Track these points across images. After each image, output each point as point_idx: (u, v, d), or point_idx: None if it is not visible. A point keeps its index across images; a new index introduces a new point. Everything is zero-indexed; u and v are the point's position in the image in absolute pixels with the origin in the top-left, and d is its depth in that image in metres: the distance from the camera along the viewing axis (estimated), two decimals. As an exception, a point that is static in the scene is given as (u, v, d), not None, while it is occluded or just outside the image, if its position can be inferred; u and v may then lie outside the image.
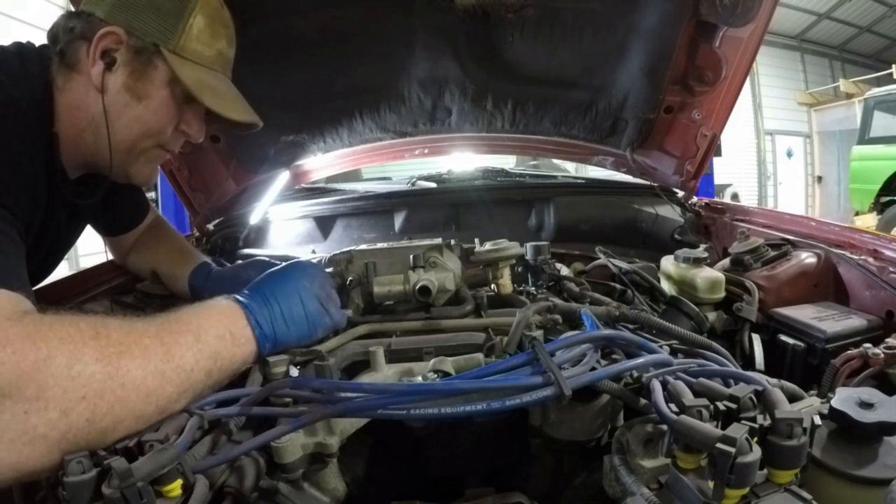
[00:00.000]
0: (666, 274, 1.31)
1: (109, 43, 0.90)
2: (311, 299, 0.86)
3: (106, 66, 0.90)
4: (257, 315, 0.79)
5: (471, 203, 1.90)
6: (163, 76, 0.94)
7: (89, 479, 0.53)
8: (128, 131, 0.95)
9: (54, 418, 0.56)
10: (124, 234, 1.32)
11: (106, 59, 0.90)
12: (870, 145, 8.06)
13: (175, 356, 0.66)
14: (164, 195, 4.13)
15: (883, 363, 0.89)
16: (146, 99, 0.94)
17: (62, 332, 0.60)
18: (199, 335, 0.71)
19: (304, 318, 0.84)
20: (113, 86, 0.92)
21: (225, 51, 1.03)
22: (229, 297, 0.81)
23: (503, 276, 1.08)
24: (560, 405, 0.79)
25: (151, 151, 1.02)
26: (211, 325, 0.73)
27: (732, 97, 1.64)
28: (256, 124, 1.08)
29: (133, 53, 0.91)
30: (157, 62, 0.93)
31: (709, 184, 4.76)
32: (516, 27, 1.54)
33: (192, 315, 0.74)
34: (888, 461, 0.59)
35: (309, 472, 0.74)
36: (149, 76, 0.93)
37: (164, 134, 0.99)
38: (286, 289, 0.84)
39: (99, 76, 0.90)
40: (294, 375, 0.82)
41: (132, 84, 0.93)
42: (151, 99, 0.95)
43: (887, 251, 1.17)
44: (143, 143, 0.99)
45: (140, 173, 1.03)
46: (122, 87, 0.92)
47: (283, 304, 0.82)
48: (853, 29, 12.67)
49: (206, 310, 0.76)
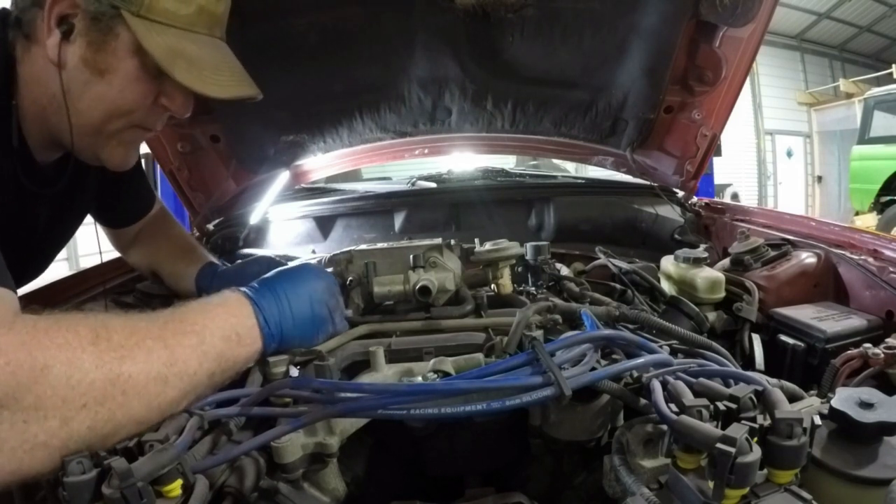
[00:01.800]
0: (666, 274, 1.31)
1: (64, 8, 0.77)
2: (320, 304, 0.84)
3: (63, 36, 0.77)
4: (266, 313, 0.76)
5: (471, 203, 1.90)
6: (126, 45, 0.79)
7: (89, 480, 0.53)
8: (91, 112, 0.82)
9: (55, 427, 0.55)
10: (127, 226, 1.26)
11: (63, 28, 0.77)
12: (870, 145, 8.06)
13: (178, 360, 0.64)
14: (164, 195, 4.12)
15: (883, 363, 0.89)
16: (108, 74, 0.80)
17: (59, 339, 0.57)
18: (204, 336, 0.68)
19: (310, 322, 0.82)
20: (72, 59, 0.78)
21: (208, 5, 0.84)
22: (237, 290, 0.78)
23: (503, 276, 1.08)
24: (560, 405, 0.79)
25: (125, 133, 0.88)
26: (217, 326, 0.70)
27: (732, 97, 1.64)
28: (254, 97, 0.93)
29: (90, 20, 0.77)
30: (118, 29, 0.78)
31: (709, 184, 4.74)
32: (516, 27, 1.54)
33: (197, 314, 0.71)
34: (888, 461, 0.59)
35: (309, 472, 0.74)
36: (109, 46, 0.78)
37: (135, 113, 0.85)
38: (298, 290, 0.81)
39: (55, 48, 0.77)
40: (294, 375, 0.82)
41: (91, 57, 0.78)
42: (115, 73, 0.80)
43: (887, 251, 1.17)
44: (113, 125, 0.85)
45: (112, 157, 0.90)
46: (79, 60, 0.78)
47: (293, 305, 0.80)
48: (853, 29, 12.67)
49: (213, 307, 0.73)
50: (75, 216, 1.14)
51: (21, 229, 0.93)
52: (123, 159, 0.93)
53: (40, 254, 1.07)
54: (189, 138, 1.68)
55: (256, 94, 0.92)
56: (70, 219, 1.12)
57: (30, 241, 0.99)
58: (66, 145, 0.87)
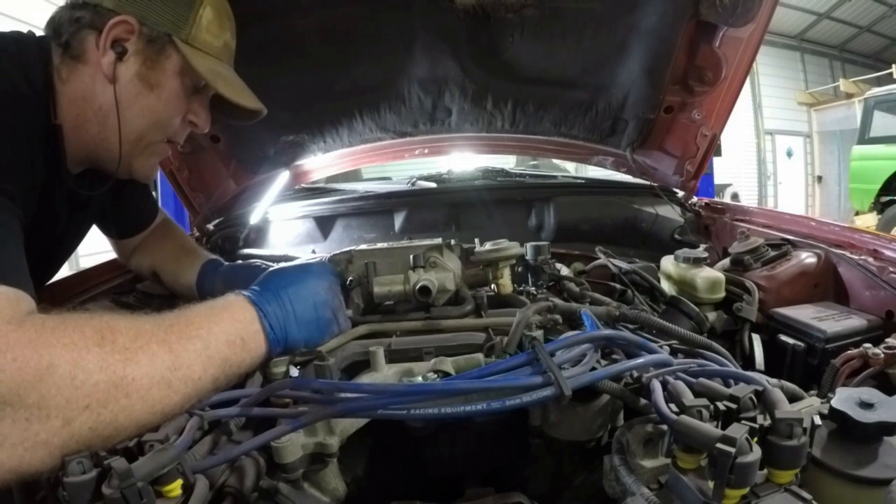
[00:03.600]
0: (666, 274, 1.31)
1: (121, 32, 0.89)
2: (323, 306, 0.84)
3: (117, 56, 0.89)
4: (271, 318, 0.77)
5: (471, 203, 1.90)
6: (174, 66, 0.94)
7: (89, 480, 0.53)
8: (138, 121, 0.94)
9: (57, 426, 0.55)
10: (133, 237, 1.30)
11: (117, 49, 0.89)
12: (870, 145, 8.06)
13: (183, 365, 0.65)
14: (164, 195, 4.12)
15: (883, 363, 0.89)
16: (158, 88, 0.94)
17: (65, 339, 0.58)
18: (209, 342, 0.69)
19: (314, 324, 0.83)
20: (124, 75, 0.91)
21: (230, 42, 1.04)
22: (240, 293, 0.79)
23: (503, 276, 1.08)
24: (560, 405, 0.79)
25: (158, 146, 1.01)
26: (222, 330, 0.71)
27: (732, 97, 1.64)
28: (262, 111, 1.10)
29: (146, 42, 0.91)
30: (169, 51, 0.93)
31: (709, 184, 4.75)
32: (516, 27, 1.54)
33: (202, 318, 0.72)
34: (888, 461, 0.59)
35: (309, 472, 0.74)
36: (161, 65, 0.93)
37: (172, 125, 0.99)
38: (301, 292, 0.82)
39: (110, 65, 0.89)
40: (294, 376, 0.82)
41: (145, 73, 0.92)
42: (163, 88, 0.94)
43: (887, 251, 1.17)
44: (152, 135, 0.98)
45: (143, 167, 1.02)
46: (134, 76, 0.91)
47: (297, 308, 0.80)
48: (853, 29, 12.66)
49: (218, 311, 0.74)
50: (87, 223, 1.18)
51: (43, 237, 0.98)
52: (152, 170, 1.07)
53: (54, 259, 1.11)
54: (189, 138, 1.66)
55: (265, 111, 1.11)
56: (82, 225, 1.16)
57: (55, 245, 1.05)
58: (103, 155, 0.97)
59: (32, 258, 0.73)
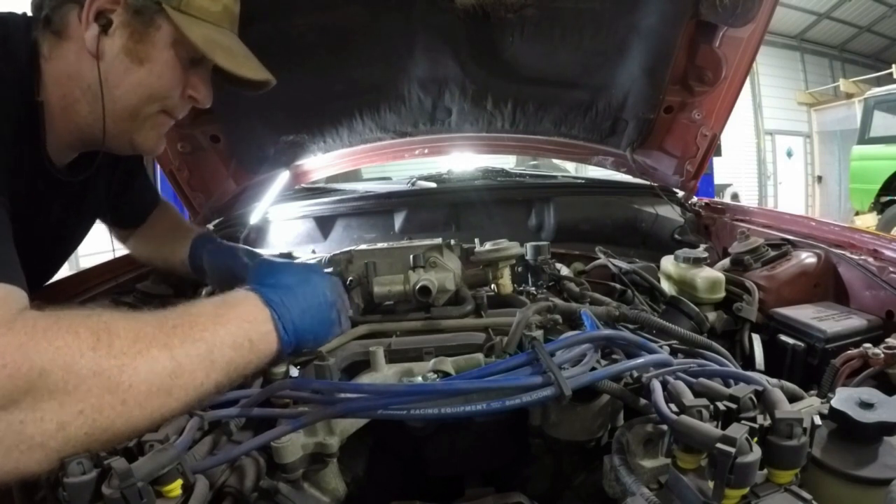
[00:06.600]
0: (666, 274, 1.31)
1: (104, 3, 0.83)
2: (331, 306, 0.82)
3: (101, 30, 0.83)
4: (284, 318, 0.74)
5: (471, 203, 1.90)
6: (166, 37, 0.86)
7: (89, 480, 0.53)
8: (130, 97, 0.88)
9: (52, 430, 0.54)
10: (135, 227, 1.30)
11: (101, 22, 0.83)
12: (870, 145, 8.06)
13: (185, 371, 0.62)
14: (163, 195, 4.12)
15: (883, 363, 0.89)
16: (149, 62, 0.87)
17: (58, 341, 0.55)
18: (214, 345, 0.66)
19: (323, 324, 0.80)
20: (110, 50, 0.84)
21: (231, 5, 0.94)
22: (252, 290, 0.76)
23: (503, 276, 1.08)
24: (560, 405, 0.79)
25: (157, 117, 0.94)
26: (228, 332, 0.68)
27: (732, 97, 1.64)
28: (270, 82, 1.02)
29: (132, 14, 0.84)
30: (159, 21, 0.85)
31: (709, 184, 4.75)
32: (516, 27, 1.54)
33: (208, 318, 0.68)
34: (888, 461, 0.59)
35: (309, 472, 0.74)
36: (151, 37, 0.86)
37: (170, 98, 0.93)
38: (313, 292, 0.79)
39: (94, 40, 0.82)
40: (294, 376, 0.82)
41: (133, 47, 0.85)
42: (154, 62, 0.87)
43: (887, 251, 1.17)
44: (148, 108, 0.91)
45: (147, 140, 0.96)
46: (120, 50, 0.84)
47: (311, 307, 0.78)
48: (853, 29, 12.66)
49: (226, 310, 0.71)
50: (86, 218, 1.15)
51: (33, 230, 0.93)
52: (156, 143, 0.99)
53: (52, 256, 1.08)
54: (189, 138, 1.68)
55: (273, 81, 1.02)
56: (81, 221, 1.13)
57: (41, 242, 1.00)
58: (94, 137, 0.91)
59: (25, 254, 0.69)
